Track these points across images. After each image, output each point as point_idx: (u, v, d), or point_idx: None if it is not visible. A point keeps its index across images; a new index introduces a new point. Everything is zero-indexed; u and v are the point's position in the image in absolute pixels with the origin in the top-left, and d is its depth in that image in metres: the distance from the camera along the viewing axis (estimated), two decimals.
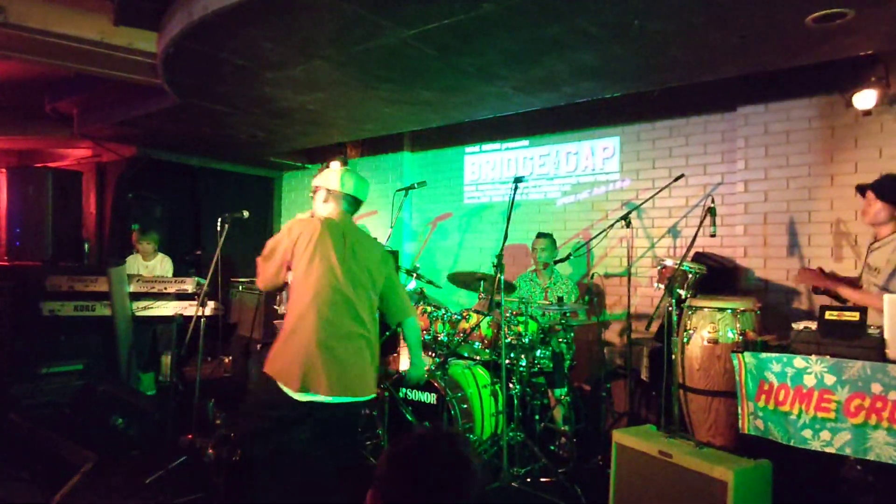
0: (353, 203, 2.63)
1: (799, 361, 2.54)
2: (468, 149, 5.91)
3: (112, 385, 4.01)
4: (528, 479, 3.40)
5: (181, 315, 4.39)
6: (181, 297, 4.77)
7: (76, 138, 5.92)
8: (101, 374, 4.02)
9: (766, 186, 4.13)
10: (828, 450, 2.45)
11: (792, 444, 2.57)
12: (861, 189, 3.03)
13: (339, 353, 2.37)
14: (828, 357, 2.48)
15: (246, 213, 3.66)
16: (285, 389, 2.32)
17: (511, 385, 3.65)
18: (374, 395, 2.53)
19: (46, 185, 5.34)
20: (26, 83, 5.22)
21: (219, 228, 3.52)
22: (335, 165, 2.71)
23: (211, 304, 4.70)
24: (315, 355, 2.32)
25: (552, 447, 3.83)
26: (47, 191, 5.34)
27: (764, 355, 2.68)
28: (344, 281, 2.41)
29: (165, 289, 4.70)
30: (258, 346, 4.76)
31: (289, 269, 2.46)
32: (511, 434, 3.52)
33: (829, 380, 2.44)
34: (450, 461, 1.06)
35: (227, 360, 5.59)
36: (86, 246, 6.16)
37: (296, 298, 2.42)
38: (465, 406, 3.65)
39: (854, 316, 2.55)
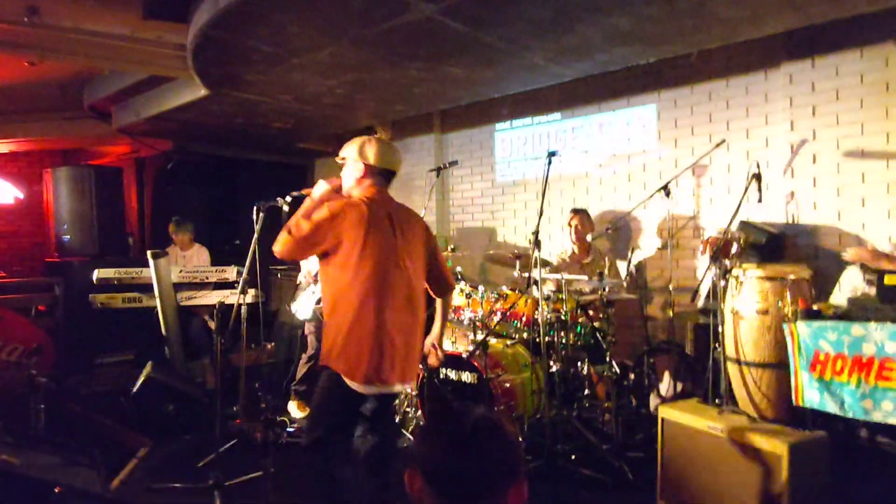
0: (388, 176, 2.48)
1: (857, 329, 2.42)
2: (499, 126, 5.82)
3: (163, 373, 4.14)
4: (573, 457, 3.38)
5: (223, 303, 4.48)
6: (223, 285, 4.87)
7: (114, 135, 6.06)
8: (152, 363, 4.14)
9: (815, 148, 3.93)
10: (891, 421, 2.34)
11: (850, 415, 2.46)
12: None
13: (400, 342, 2.32)
14: (889, 323, 2.35)
15: (281, 201, 3.66)
16: (350, 384, 2.27)
17: (552, 363, 3.61)
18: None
19: (90, 183, 5.52)
20: (65, 83, 5.36)
21: (255, 217, 3.55)
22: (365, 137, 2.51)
23: (251, 292, 4.76)
24: (379, 348, 2.26)
25: (596, 424, 3.79)
26: (90, 188, 5.51)
27: (818, 324, 2.57)
28: (398, 267, 2.33)
29: (207, 278, 4.80)
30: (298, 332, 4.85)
31: (324, 253, 2.34)
32: (554, 412, 3.49)
33: (891, 347, 2.32)
34: (482, 425, 1.05)
35: (269, 347, 5.70)
36: (129, 240, 6.35)
37: (347, 289, 2.28)
38: (507, 385, 3.63)
39: None
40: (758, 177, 3.26)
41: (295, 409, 4.55)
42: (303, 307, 4.39)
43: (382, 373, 2.26)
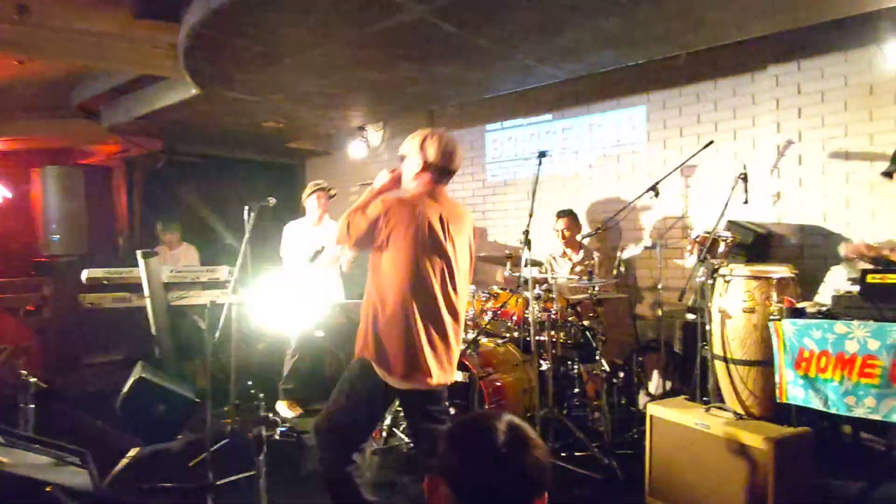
0: (447, 174, 2.42)
1: (840, 327, 2.47)
2: (490, 126, 5.84)
3: (153, 373, 4.12)
4: (563, 454, 3.41)
5: (214, 303, 4.47)
6: (213, 285, 4.85)
7: (104, 134, 6.02)
8: (142, 363, 4.13)
9: (801, 150, 3.99)
10: (872, 417, 2.39)
11: (834, 411, 2.51)
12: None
13: (439, 342, 2.30)
14: (871, 321, 2.40)
15: (272, 201, 3.69)
16: (385, 378, 2.26)
17: (542, 361, 3.64)
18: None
19: (79, 182, 5.48)
20: (54, 82, 5.32)
21: (246, 217, 3.56)
22: (424, 131, 2.46)
23: (242, 292, 4.77)
24: (417, 346, 2.24)
25: (586, 422, 3.82)
26: (80, 187, 5.48)
27: (803, 322, 2.61)
28: (445, 267, 2.31)
29: (198, 278, 4.78)
30: None
31: (379, 248, 2.30)
32: (544, 410, 3.51)
33: (873, 345, 2.37)
34: (516, 440, 1.05)
35: (260, 346, 5.69)
36: (119, 240, 6.32)
37: (393, 285, 2.26)
38: (498, 384, 3.66)
39: None
40: (744, 177, 3.30)
41: (284, 409, 4.56)
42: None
43: (419, 370, 2.24)
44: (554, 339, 3.73)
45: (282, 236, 4.68)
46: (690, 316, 3.89)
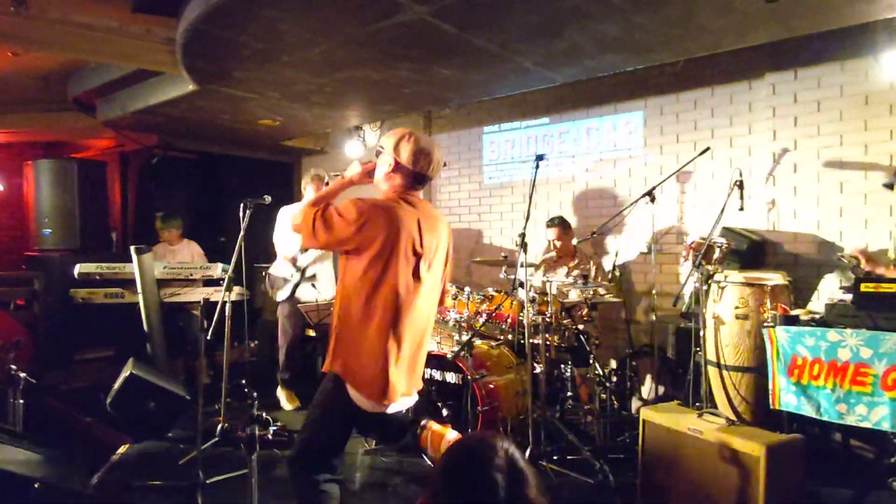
0: (417, 178, 2.21)
1: (833, 335, 2.49)
2: (487, 128, 5.85)
3: (144, 370, 4.09)
4: (555, 458, 3.41)
5: (208, 300, 4.46)
6: (207, 282, 4.83)
7: (99, 128, 5.98)
8: (133, 360, 4.10)
9: (796, 158, 4.01)
10: (864, 424, 2.40)
11: (825, 419, 2.52)
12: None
13: (409, 356, 2.19)
14: (864, 330, 2.42)
15: (268, 199, 3.68)
16: (356, 398, 2.11)
17: (536, 364, 3.64)
18: None
19: (72, 176, 5.43)
20: (49, 75, 5.28)
21: (241, 214, 3.54)
22: (403, 129, 2.27)
23: (236, 290, 4.75)
24: (388, 363, 2.10)
25: (578, 426, 3.82)
26: (73, 181, 5.42)
27: (796, 329, 2.63)
28: (418, 277, 2.16)
29: (192, 275, 4.76)
30: None
31: (349, 252, 2.14)
32: (537, 413, 3.51)
33: (866, 353, 2.38)
34: (510, 476, 1.04)
35: (252, 345, 5.67)
36: (113, 235, 6.27)
37: (363, 296, 2.10)
38: (491, 386, 3.65)
39: (891, 287, 2.48)
40: (740, 184, 3.32)
41: (284, 400, 4.59)
42: (283, 289, 4.43)
43: (389, 391, 2.11)
44: (548, 343, 3.73)
45: (276, 222, 4.66)
46: (685, 321, 3.90)
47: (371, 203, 2.12)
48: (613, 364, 4.46)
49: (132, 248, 4.47)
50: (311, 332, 4.87)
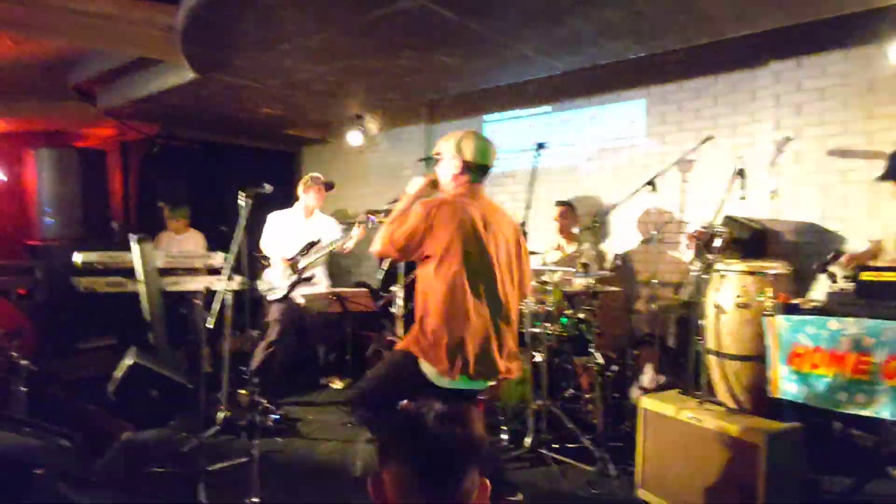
0: (484, 172, 2.46)
1: (834, 323, 2.48)
2: (489, 116, 5.82)
3: (146, 359, 4.11)
4: (556, 446, 3.42)
5: (210, 289, 4.46)
6: (209, 271, 4.83)
7: (99, 117, 5.96)
8: (135, 349, 4.11)
9: (799, 146, 3.99)
10: (863, 413, 2.40)
11: (825, 407, 2.52)
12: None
13: (479, 342, 2.29)
14: (865, 318, 2.41)
15: (269, 187, 3.67)
16: (427, 371, 2.26)
17: (536, 353, 3.65)
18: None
19: (73, 165, 5.43)
20: (49, 63, 5.25)
21: (241, 203, 3.53)
22: (459, 133, 2.47)
23: (237, 279, 4.76)
24: (461, 344, 2.24)
25: (579, 414, 3.84)
26: (74, 170, 5.42)
27: (797, 318, 2.62)
28: (487, 267, 2.30)
29: (193, 264, 4.76)
30: None
31: (423, 252, 2.29)
32: (538, 402, 3.53)
33: (866, 342, 2.38)
34: (441, 413, 1.09)
35: (254, 334, 5.68)
36: (114, 224, 6.27)
37: (435, 286, 2.26)
38: None
39: (892, 276, 2.47)
40: (742, 173, 3.30)
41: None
42: (278, 288, 4.38)
43: (460, 368, 2.22)
44: (549, 332, 3.73)
45: (265, 226, 4.61)
46: (684, 311, 3.90)
47: (438, 200, 2.32)
48: (614, 353, 4.46)
49: (132, 236, 4.47)
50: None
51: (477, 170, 2.40)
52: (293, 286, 4.42)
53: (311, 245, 4.35)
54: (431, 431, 1.06)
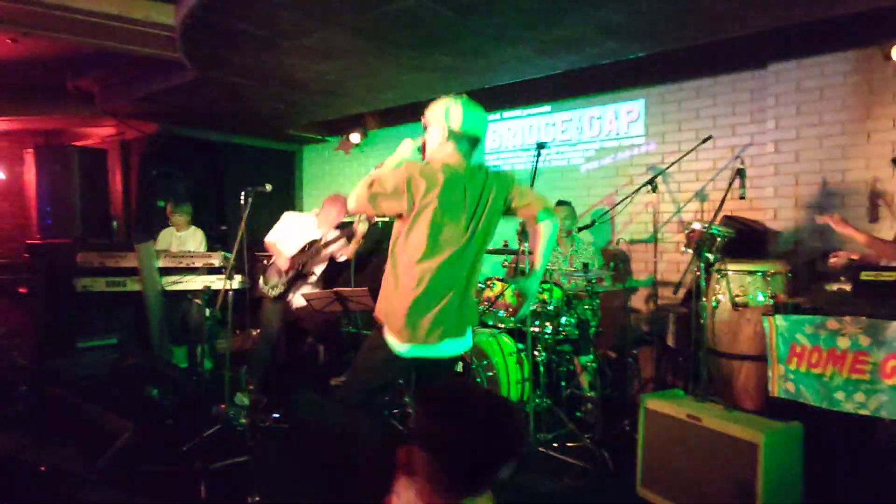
0: (471, 141, 2.33)
1: (832, 323, 2.49)
2: (488, 116, 5.81)
3: (146, 358, 4.12)
4: (555, 445, 3.43)
5: (210, 288, 4.46)
6: (209, 271, 4.84)
7: (99, 116, 5.97)
8: (135, 348, 4.12)
9: (798, 146, 4.00)
10: (862, 412, 2.41)
11: (824, 406, 2.53)
12: None
13: (449, 310, 2.24)
14: (863, 318, 2.42)
15: (269, 187, 3.68)
16: (392, 341, 2.22)
17: (537, 352, 3.66)
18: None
19: (73, 164, 5.43)
20: (48, 62, 5.26)
21: (242, 202, 3.54)
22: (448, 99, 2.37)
23: (238, 278, 4.76)
24: (424, 304, 2.20)
25: (578, 413, 3.84)
26: (74, 169, 5.42)
27: (796, 318, 2.63)
28: (461, 234, 2.24)
29: (193, 263, 4.77)
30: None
31: (400, 214, 2.24)
32: (537, 401, 3.53)
33: (865, 341, 2.39)
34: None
35: (254, 333, 5.69)
36: (114, 223, 6.28)
37: (410, 251, 2.22)
38: (491, 374, 3.67)
39: (891, 276, 2.49)
40: (741, 173, 3.31)
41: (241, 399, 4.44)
42: (276, 286, 4.35)
43: (422, 331, 2.19)
44: (549, 331, 3.74)
45: (278, 222, 4.60)
46: (684, 310, 3.91)
47: (420, 165, 2.24)
48: (614, 352, 4.47)
49: (134, 236, 4.48)
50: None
51: (463, 138, 2.30)
52: (291, 284, 4.42)
53: (312, 244, 4.35)
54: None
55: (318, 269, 4.53)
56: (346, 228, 4.38)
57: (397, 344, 2.23)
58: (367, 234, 4.25)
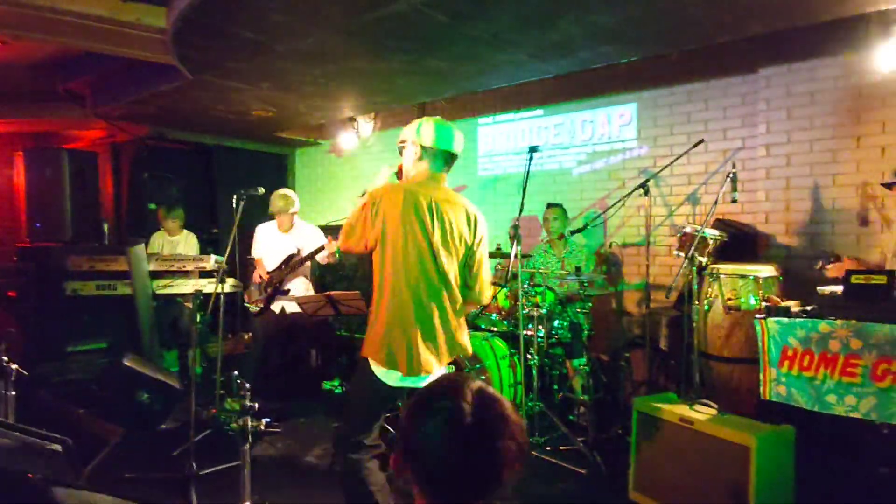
0: (444, 158, 2.30)
1: (824, 326, 2.50)
2: (481, 120, 5.83)
3: (136, 362, 4.08)
4: (548, 448, 3.43)
5: (201, 292, 4.43)
6: (201, 274, 4.81)
7: (89, 119, 5.92)
8: (126, 352, 4.09)
9: (789, 150, 4.02)
10: (853, 415, 2.42)
11: (816, 409, 2.54)
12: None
13: (424, 332, 2.21)
14: (854, 321, 2.43)
15: (261, 190, 3.66)
16: (377, 371, 2.19)
17: (529, 356, 3.66)
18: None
19: (63, 167, 5.36)
20: (38, 64, 5.23)
21: (235, 206, 3.52)
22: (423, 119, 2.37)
23: (230, 281, 4.73)
24: (402, 337, 2.17)
25: (571, 417, 3.85)
26: (64, 172, 5.35)
27: (787, 321, 2.64)
28: (431, 257, 2.19)
29: (185, 267, 4.74)
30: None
31: (374, 240, 2.22)
32: (530, 404, 3.53)
33: (856, 344, 2.40)
34: (480, 410, 0.91)
35: (246, 336, 5.66)
36: (105, 226, 6.22)
37: (381, 275, 2.20)
38: (484, 377, 3.66)
39: (881, 279, 2.50)
40: (733, 177, 3.33)
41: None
42: (255, 302, 4.32)
43: (405, 362, 2.15)
44: (541, 334, 3.74)
45: (254, 237, 4.53)
46: (676, 313, 3.92)
47: (382, 188, 2.27)
48: (606, 356, 4.48)
49: (125, 240, 4.45)
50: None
51: (437, 156, 2.28)
52: (270, 300, 4.36)
53: (290, 259, 4.30)
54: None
55: (297, 284, 4.43)
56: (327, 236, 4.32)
57: (384, 374, 2.19)
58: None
